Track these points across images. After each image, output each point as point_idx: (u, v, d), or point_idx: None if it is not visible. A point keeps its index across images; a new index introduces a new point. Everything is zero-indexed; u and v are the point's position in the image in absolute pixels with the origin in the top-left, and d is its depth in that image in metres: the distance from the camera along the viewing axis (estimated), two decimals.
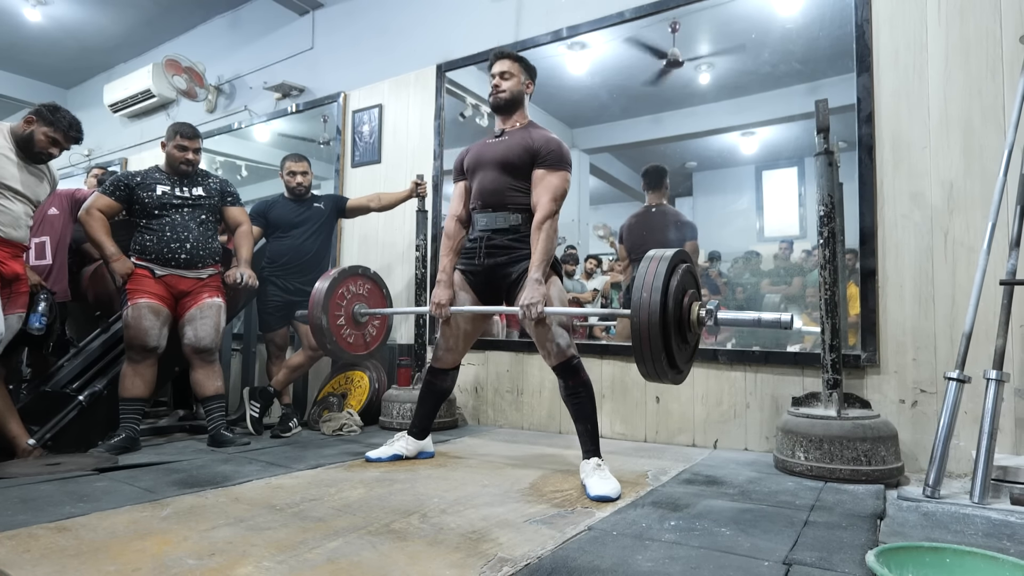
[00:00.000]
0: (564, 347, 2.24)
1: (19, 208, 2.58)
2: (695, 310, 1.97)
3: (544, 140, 2.35)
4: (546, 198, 2.28)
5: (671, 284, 1.89)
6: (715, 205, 4.58)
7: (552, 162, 2.32)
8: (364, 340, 2.85)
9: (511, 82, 2.44)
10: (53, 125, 2.58)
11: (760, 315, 1.89)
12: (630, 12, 3.31)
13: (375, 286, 2.87)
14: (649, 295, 1.83)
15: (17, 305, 2.62)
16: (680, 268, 1.97)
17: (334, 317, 2.69)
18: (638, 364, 1.90)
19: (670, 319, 1.86)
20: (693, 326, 1.97)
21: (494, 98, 2.45)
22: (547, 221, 2.27)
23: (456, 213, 2.54)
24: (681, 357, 1.95)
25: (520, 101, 2.47)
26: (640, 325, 1.83)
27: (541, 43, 3.61)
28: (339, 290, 2.71)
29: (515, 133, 2.42)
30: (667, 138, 4.41)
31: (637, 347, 1.85)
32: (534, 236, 2.28)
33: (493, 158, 2.41)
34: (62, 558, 1.42)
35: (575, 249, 4.88)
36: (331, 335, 2.67)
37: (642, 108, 4.37)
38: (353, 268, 2.79)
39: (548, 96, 4.67)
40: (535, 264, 2.24)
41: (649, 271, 1.90)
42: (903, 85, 2.62)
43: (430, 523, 1.72)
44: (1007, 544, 1.61)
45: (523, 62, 2.49)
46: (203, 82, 5.34)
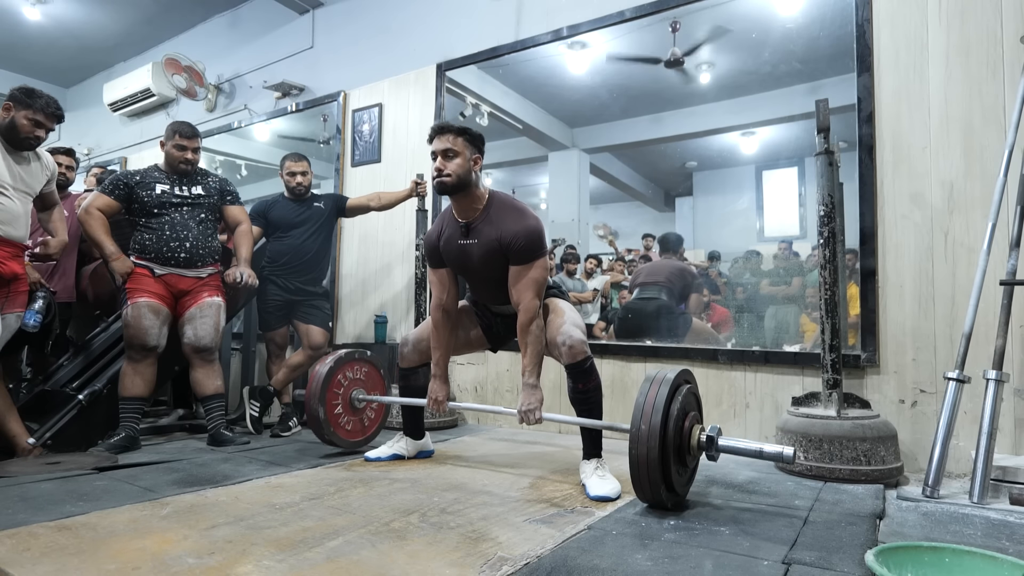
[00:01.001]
0: (578, 346, 2.16)
1: (18, 205, 2.56)
2: (695, 434, 1.91)
3: (511, 235, 2.16)
4: (528, 296, 2.17)
5: (672, 410, 1.83)
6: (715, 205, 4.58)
7: (526, 257, 2.17)
8: (362, 425, 2.81)
9: (454, 163, 2.17)
10: (31, 107, 2.53)
11: (762, 447, 1.84)
12: (630, 11, 3.31)
13: (372, 368, 2.82)
14: (648, 424, 1.78)
15: (16, 304, 2.61)
16: (682, 389, 1.92)
17: (331, 407, 2.65)
18: (633, 484, 1.83)
19: (670, 447, 1.81)
20: (693, 451, 1.91)
21: (438, 183, 2.18)
22: (533, 322, 2.17)
23: (441, 303, 2.37)
24: (679, 481, 1.89)
25: (468, 182, 2.19)
26: (639, 456, 1.78)
27: (541, 42, 3.61)
28: (336, 377, 2.67)
29: (480, 229, 2.22)
30: (667, 138, 4.41)
31: (635, 475, 1.80)
32: (522, 339, 2.19)
33: (475, 270, 2.28)
34: (62, 557, 1.42)
35: (575, 249, 4.88)
36: (329, 426, 2.63)
37: (642, 107, 4.37)
38: (350, 354, 2.72)
39: (548, 95, 4.67)
40: (527, 369, 2.18)
41: (649, 396, 1.83)
42: (904, 85, 2.62)
43: (429, 522, 1.72)
44: (1006, 544, 1.61)
45: (467, 135, 2.22)
46: (203, 81, 5.34)
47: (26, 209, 2.63)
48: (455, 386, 3.75)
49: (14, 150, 2.57)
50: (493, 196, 2.28)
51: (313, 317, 3.50)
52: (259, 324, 3.68)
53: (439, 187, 2.19)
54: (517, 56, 3.74)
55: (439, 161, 2.18)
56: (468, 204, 2.24)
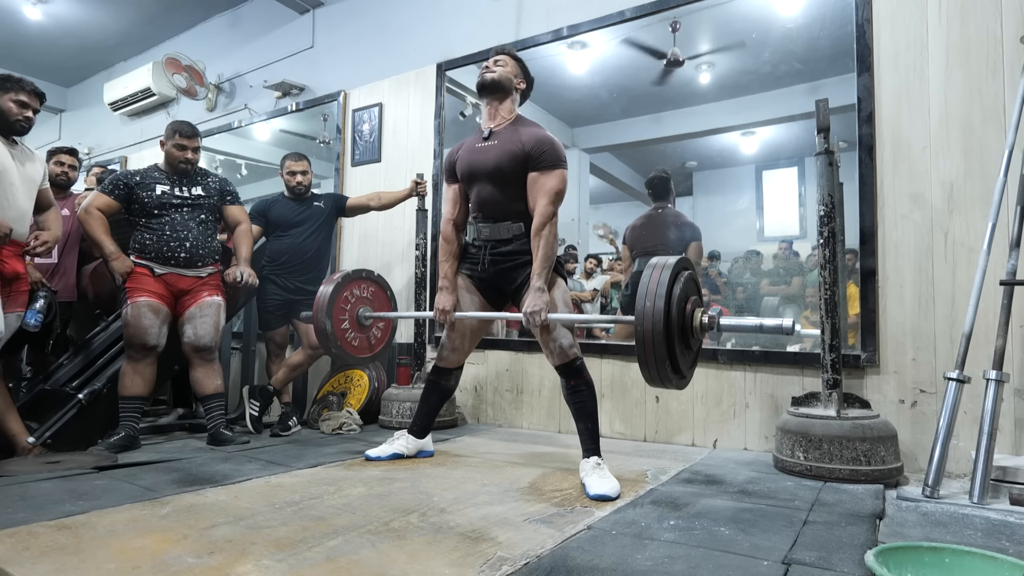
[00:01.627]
0: (567, 347, 2.23)
1: (24, 201, 2.56)
2: (698, 316, 1.98)
3: (534, 140, 2.24)
4: (543, 202, 2.21)
5: (674, 292, 1.90)
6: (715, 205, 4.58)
7: (545, 163, 2.22)
8: (369, 343, 2.84)
9: (502, 68, 2.35)
10: (11, 90, 2.55)
11: (762, 321, 1.89)
12: (630, 11, 3.31)
13: (379, 289, 2.86)
14: (653, 303, 1.84)
15: (17, 304, 2.61)
16: (683, 275, 1.97)
17: (338, 321, 2.68)
18: (642, 370, 1.91)
19: (674, 326, 1.87)
20: (696, 332, 1.97)
21: (481, 77, 2.34)
22: (546, 226, 2.20)
23: (451, 218, 2.46)
24: (684, 363, 1.96)
25: (507, 90, 2.35)
26: (644, 333, 1.84)
27: (541, 42, 3.61)
28: (343, 294, 2.70)
29: (502, 134, 2.30)
30: (667, 138, 4.41)
31: (641, 354, 1.86)
32: (534, 242, 2.22)
33: (486, 169, 2.31)
34: (62, 556, 1.42)
35: (576, 249, 4.87)
36: (335, 339, 2.67)
37: (642, 107, 4.37)
38: (357, 272, 2.78)
39: (549, 95, 4.67)
40: (536, 271, 2.20)
41: (652, 279, 1.90)
42: (903, 85, 2.62)
43: (429, 522, 1.72)
44: (1006, 544, 1.61)
45: (521, 62, 2.43)
46: (203, 80, 5.34)
47: (30, 206, 2.64)
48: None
49: (10, 142, 2.57)
50: (521, 116, 2.39)
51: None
52: (259, 323, 3.69)
53: (481, 81, 2.34)
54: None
55: (490, 63, 2.36)
56: (499, 110, 2.36)
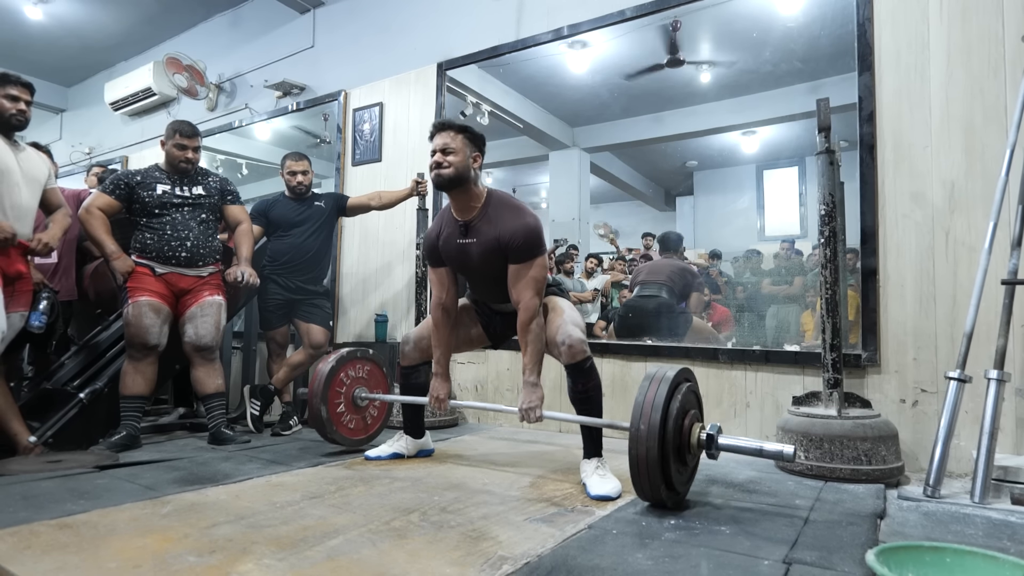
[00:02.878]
0: (578, 345, 2.15)
1: (28, 199, 2.56)
2: (696, 433, 1.90)
3: (509, 234, 2.16)
4: (528, 295, 2.16)
5: (671, 408, 1.83)
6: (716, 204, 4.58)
7: (524, 255, 2.16)
8: (365, 423, 2.81)
9: (453, 157, 2.18)
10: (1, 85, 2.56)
11: (762, 445, 1.83)
12: (631, 11, 3.30)
13: (375, 367, 2.83)
14: (648, 423, 1.77)
15: (20, 304, 2.61)
16: (682, 387, 1.91)
17: (333, 405, 2.66)
18: (633, 482, 1.83)
19: (669, 446, 1.80)
20: (693, 449, 1.90)
21: (435, 176, 2.20)
22: (533, 320, 2.16)
23: (440, 302, 2.37)
24: (679, 480, 1.89)
25: (466, 178, 2.21)
26: (638, 455, 1.77)
27: (542, 41, 3.61)
28: (339, 376, 2.67)
29: (479, 228, 2.23)
30: (668, 137, 4.42)
31: (635, 474, 1.80)
32: (523, 337, 2.18)
33: (475, 268, 2.28)
34: (63, 555, 1.42)
35: (576, 249, 4.88)
36: (331, 425, 2.63)
37: (643, 107, 4.38)
38: (352, 352, 2.72)
39: (549, 95, 4.67)
40: (528, 367, 2.18)
41: (648, 395, 1.83)
42: (904, 84, 2.62)
43: (430, 521, 1.72)
44: (1007, 544, 1.61)
45: (467, 132, 2.25)
46: (204, 80, 5.34)
47: (34, 205, 2.63)
48: (455, 385, 3.75)
49: (12, 142, 2.57)
50: (492, 194, 2.28)
51: (314, 316, 3.50)
52: (260, 323, 3.69)
53: (436, 180, 2.21)
54: (518, 55, 3.74)
55: (438, 156, 2.20)
56: (466, 202, 2.24)
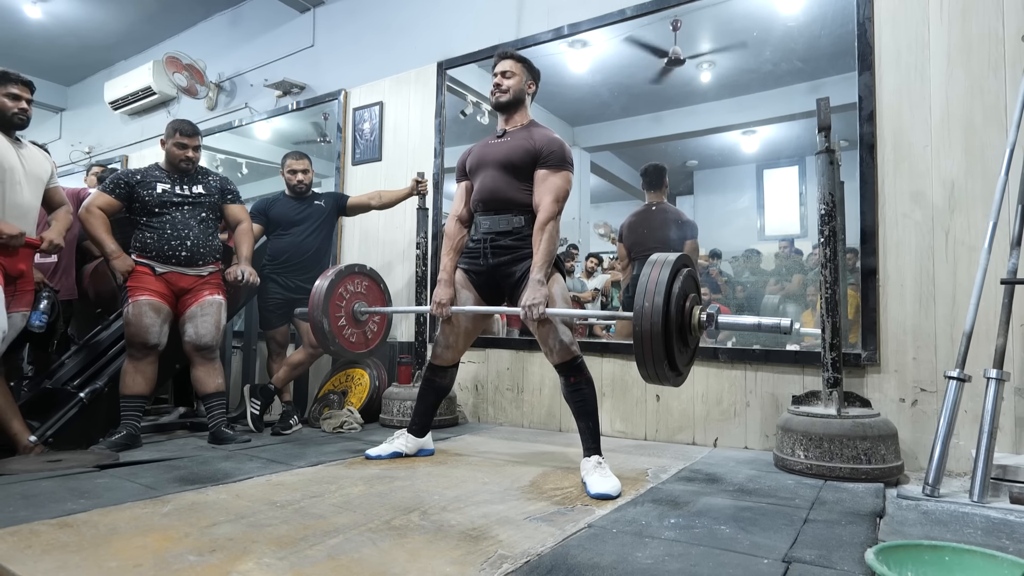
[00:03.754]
0: (567, 345, 2.23)
1: (30, 197, 2.56)
2: (696, 314, 1.98)
3: (546, 140, 2.34)
4: (548, 199, 2.28)
5: (673, 289, 1.90)
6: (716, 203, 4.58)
7: (554, 162, 2.31)
8: (366, 337, 2.85)
9: (513, 81, 2.42)
10: (1, 85, 2.56)
11: (760, 320, 1.89)
12: (631, 10, 3.30)
13: (373, 283, 2.87)
14: (652, 301, 1.84)
15: (21, 303, 2.61)
16: (682, 272, 1.98)
17: (335, 318, 2.69)
18: (639, 368, 1.92)
19: (672, 325, 1.87)
20: (694, 330, 1.98)
21: (495, 97, 2.44)
22: (550, 222, 2.26)
23: (457, 213, 2.53)
24: (681, 360, 1.97)
25: (521, 101, 2.45)
26: (643, 331, 1.84)
27: (542, 41, 3.60)
28: (338, 290, 2.71)
29: (517, 133, 2.41)
30: (668, 136, 4.41)
31: (639, 352, 1.87)
32: (536, 237, 2.27)
33: (495, 159, 2.40)
34: (64, 554, 1.43)
35: (577, 249, 4.88)
36: (333, 336, 2.68)
37: (643, 106, 4.37)
38: (350, 267, 2.78)
39: (549, 94, 4.66)
40: (537, 265, 2.24)
41: (652, 274, 1.91)
42: (905, 84, 2.62)
43: (430, 520, 1.72)
44: (1006, 543, 1.61)
45: (526, 63, 2.47)
46: (204, 79, 5.34)
47: (36, 204, 2.63)
48: (456, 384, 3.75)
49: (14, 140, 2.57)
50: (535, 120, 2.49)
51: None
52: (260, 322, 3.69)
53: (495, 101, 2.44)
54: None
55: (499, 78, 2.43)
56: (516, 119, 2.46)
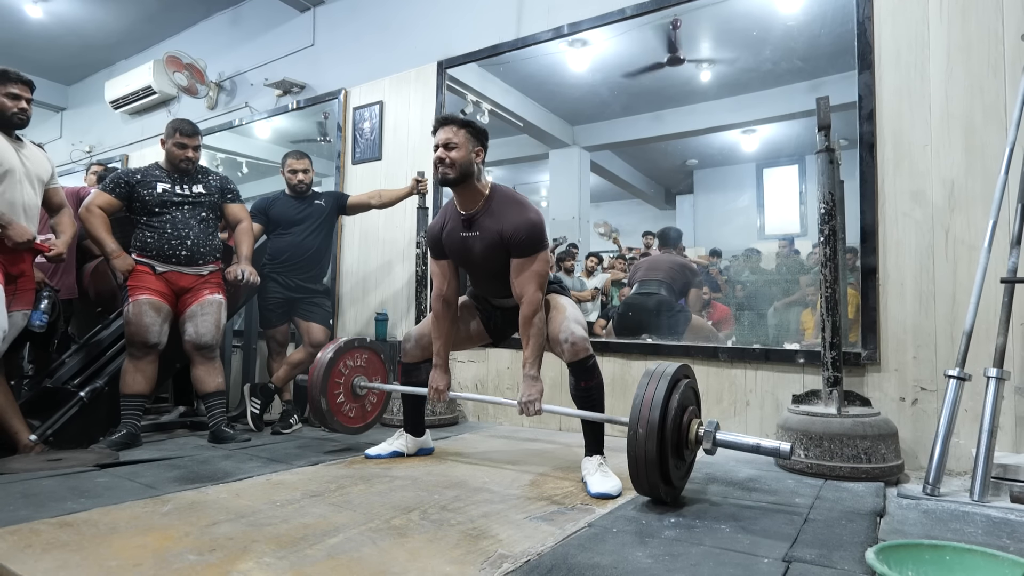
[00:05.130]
0: (580, 343, 2.16)
1: (32, 196, 2.56)
2: (694, 429, 1.92)
3: (512, 227, 2.17)
4: (530, 289, 2.17)
5: (671, 403, 1.84)
6: (716, 202, 4.58)
7: (527, 249, 2.17)
8: (364, 411, 2.83)
9: (456, 153, 2.18)
10: (0, 84, 2.55)
11: (759, 441, 1.85)
12: (631, 9, 3.30)
13: (373, 355, 2.84)
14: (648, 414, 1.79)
15: (22, 303, 2.61)
16: (681, 384, 1.92)
17: (333, 396, 2.67)
18: (632, 479, 1.85)
19: (668, 440, 1.81)
20: (691, 444, 1.92)
21: (440, 174, 2.20)
22: (536, 314, 2.17)
23: (441, 294, 2.38)
24: (676, 475, 1.90)
25: (470, 173, 2.21)
26: (637, 446, 1.79)
27: (542, 40, 3.60)
28: (337, 366, 2.68)
29: (482, 222, 2.23)
30: (668, 135, 4.42)
31: (632, 469, 1.82)
32: (524, 331, 2.19)
33: (477, 262, 2.29)
34: (64, 553, 1.43)
35: (577, 248, 4.88)
36: (331, 415, 2.65)
37: (643, 105, 4.37)
38: (350, 342, 2.73)
39: (549, 93, 4.67)
40: (528, 361, 2.19)
41: (649, 388, 1.85)
42: (904, 83, 2.61)
43: (430, 520, 1.72)
44: (1007, 542, 1.61)
45: (470, 127, 2.24)
46: (204, 79, 5.33)
47: (37, 203, 2.63)
48: (456, 383, 3.75)
49: (14, 139, 2.57)
50: (495, 189, 2.29)
51: (314, 314, 3.51)
52: (260, 321, 3.69)
53: (441, 178, 2.21)
54: (518, 54, 3.74)
55: (441, 152, 2.19)
56: (470, 197, 2.25)
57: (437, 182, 2.27)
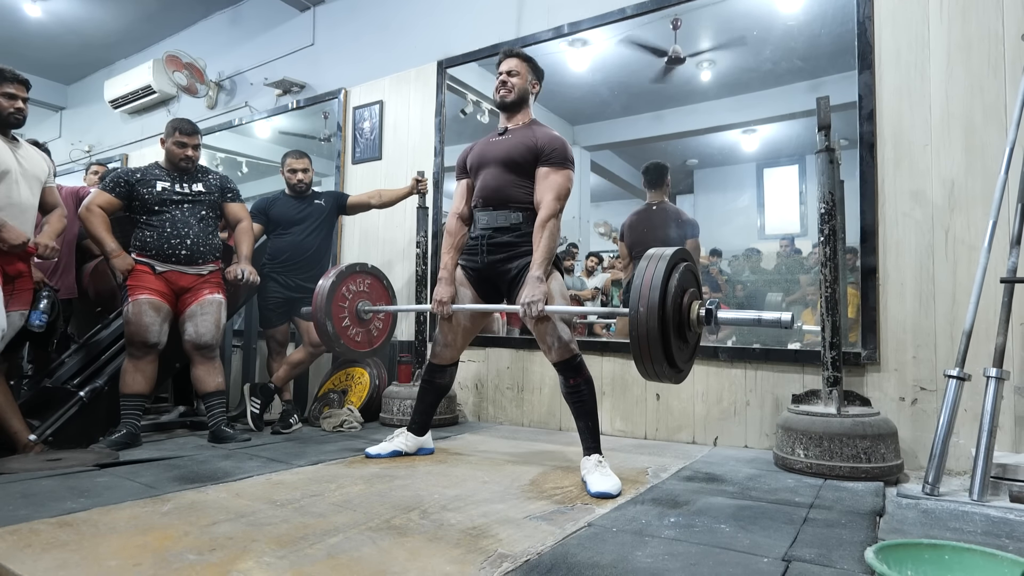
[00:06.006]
0: (566, 343, 2.22)
1: (29, 196, 2.56)
2: (695, 309, 1.95)
3: (548, 138, 2.34)
4: (550, 196, 2.27)
5: (670, 283, 1.87)
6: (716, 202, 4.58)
7: (556, 160, 2.31)
8: (370, 336, 2.84)
9: (517, 80, 2.42)
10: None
11: (760, 314, 1.86)
12: (632, 8, 3.30)
13: (376, 280, 2.85)
14: (648, 294, 1.81)
15: (20, 303, 2.61)
16: (680, 267, 1.95)
17: (338, 319, 2.68)
18: (636, 364, 1.88)
19: (669, 319, 1.84)
20: (693, 325, 1.94)
21: (499, 96, 2.43)
22: (550, 220, 2.25)
23: (458, 211, 2.52)
24: (681, 357, 1.93)
25: (525, 100, 2.45)
26: (639, 325, 1.80)
27: (542, 40, 3.60)
28: (340, 290, 2.69)
29: (518, 131, 2.41)
30: (668, 135, 4.41)
31: (635, 347, 1.83)
32: (536, 234, 2.26)
33: (496, 156, 2.39)
34: (63, 553, 1.43)
35: (577, 248, 4.88)
36: (337, 337, 2.67)
37: (643, 105, 4.37)
38: (351, 266, 2.77)
39: (549, 93, 4.65)
40: (536, 262, 2.23)
41: (648, 270, 1.87)
42: (905, 83, 2.62)
43: (430, 519, 1.72)
44: (1006, 541, 1.61)
45: (531, 62, 2.47)
46: (204, 78, 5.33)
47: (34, 203, 2.63)
48: (456, 383, 3.75)
49: (11, 140, 2.57)
50: (536, 119, 2.49)
51: None
52: (260, 321, 3.69)
53: (500, 101, 2.44)
54: None
55: (504, 76, 2.42)
56: (517, 119, 2.46)
57: (495, 104, 2.47)
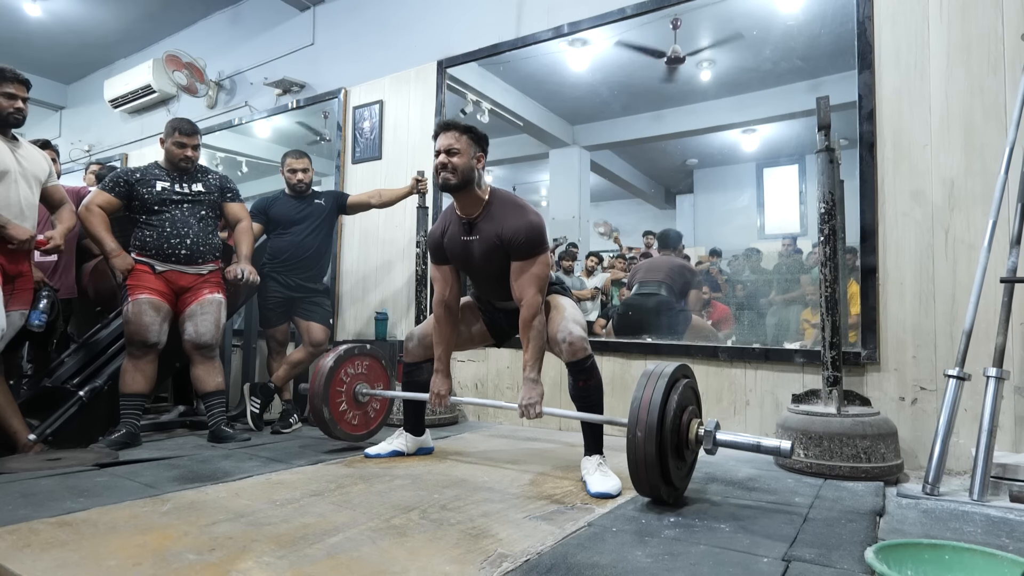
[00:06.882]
0: (578, 343, 2.16)
1: (29, 195, 2.55)
2: (693, 428, 1.91)
3: (512, 229, 2.17)
4: (530, 292, 2.17)
5: (669, 403, 1.83)
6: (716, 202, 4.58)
7: (526, 253, 2.18)
8: (367, 418, 2.82)
9: (457, 158, 2.18)
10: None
11: (760, 440, 1.84)
12: (631, 8, 3.30)
13: (374, 361, 2.82)
14: (646, 418, 1.78)
15: (20, 302, 2.61)
16: (680, 384, 1.91)
17: (335, 404, 2.66)
18: (632, 480, 1.84)
19: (667, 441, 1.80)
20: (691, 444, 1.91)
21: (441, 180, 2.20)
22: (536, 317, 2.17)
23: (443, 299, 2.38)
24: (678, 475, 1.89)
25: (471, 179, 2.21)
26: (636, 449, 1.78)
27: (542, 39, 3.60)
28: (339, 374, 2.68)
29: (481, 226, 2.24)
30: (668, 135, 4.41)
31: (632, 468, 1.81)
32: (524, 333, 2.19)
33: (478, 266, 2.29)
34: (63, 553, 1.42)
35: (576, 247, 4.88)
36: (335, 423, 2.65)
37: (643, 105, 4.37)
38: (350, 349, 2.72)
39: (549, 93, 4.67)
40: (528, 364, 2.19)
41: (647, 388, 1.84)
42: (904, 83, 2.61)
43: (430, 519, 1.72)
44: (1006, 541, 1.61)
45: (471, 133, 2.24)
46: (203, 78, 5.33)
47: (34, 202, 2.63)
48: (456, 383, 3.75)
49: (10, 139, 2.57)
50: (494, 193, 2.29)
51: (314, 314, 3.51)
52: (260, 321, 3.69)
53: (443, 185, 2.21)
54: (518, 53, 3.74)
55: (443, 157, 2.20)
56: (470, 202, 2.26)
57: (439, 188, 2.28)
